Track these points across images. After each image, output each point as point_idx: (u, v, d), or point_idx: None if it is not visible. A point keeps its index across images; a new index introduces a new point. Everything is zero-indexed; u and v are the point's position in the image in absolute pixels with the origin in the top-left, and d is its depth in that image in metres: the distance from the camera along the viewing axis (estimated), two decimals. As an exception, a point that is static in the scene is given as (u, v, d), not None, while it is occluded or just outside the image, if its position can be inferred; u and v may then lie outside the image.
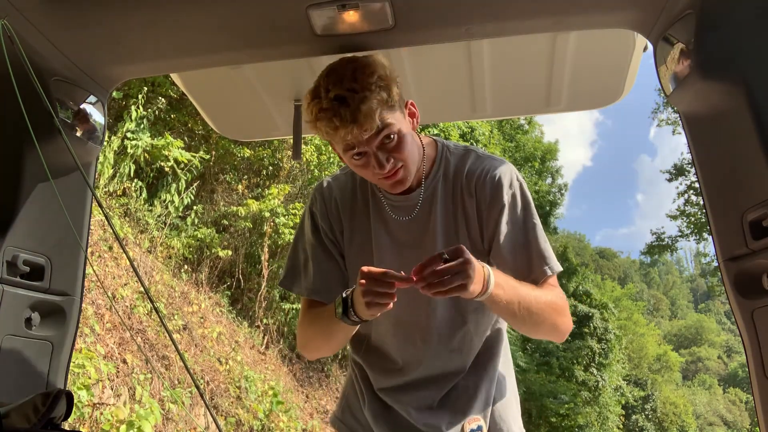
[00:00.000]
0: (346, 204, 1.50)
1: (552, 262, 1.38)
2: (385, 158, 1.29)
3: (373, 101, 1.22)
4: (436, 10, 1.34)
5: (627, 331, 29.97)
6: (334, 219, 1.49)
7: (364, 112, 1.21)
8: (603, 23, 1.42)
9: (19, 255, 1.36)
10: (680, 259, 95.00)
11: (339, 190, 1.52)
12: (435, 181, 1.44)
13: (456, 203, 1.42)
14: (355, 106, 1.21)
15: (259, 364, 7.91)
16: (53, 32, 1.36)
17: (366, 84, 1.23)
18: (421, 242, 1.43)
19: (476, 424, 1.41)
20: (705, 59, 1.16)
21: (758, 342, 1.14)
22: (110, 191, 6.78)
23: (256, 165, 9.31)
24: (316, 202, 1.52)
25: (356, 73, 1.24)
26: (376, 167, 1.29)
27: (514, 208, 1.40)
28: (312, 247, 1.50)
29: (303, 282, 1.50)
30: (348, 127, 1.23)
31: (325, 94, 1.23)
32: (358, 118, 1.22)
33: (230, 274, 8.87)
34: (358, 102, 1.21)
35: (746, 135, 1.10)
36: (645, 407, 28.32)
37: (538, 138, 23.91)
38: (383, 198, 1.45)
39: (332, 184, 1.54)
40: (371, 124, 1.23)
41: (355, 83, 1.23)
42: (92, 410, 4.10)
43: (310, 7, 1.29)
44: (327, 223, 1.49)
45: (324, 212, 1.50)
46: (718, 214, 1.23)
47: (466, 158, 1.45)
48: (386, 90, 1.26)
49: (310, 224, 1.52)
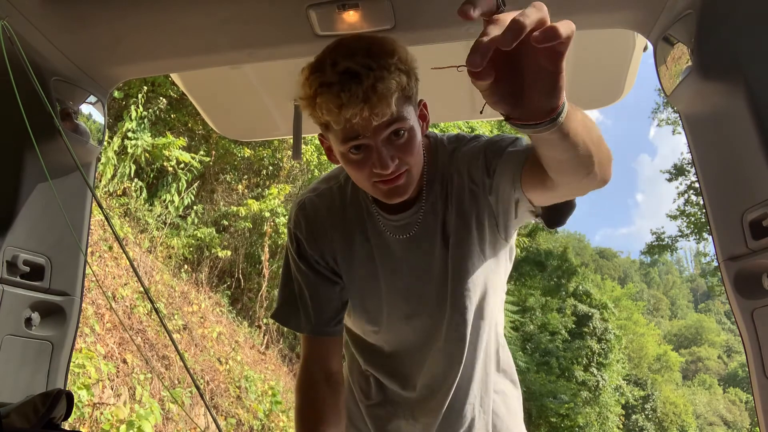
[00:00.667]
0: (336, 224, 1.29)
1: None
2: (390, 156, 1.06)
3: (391, 82, 1.01)
4: (436, 10, 1.34)
5: (627, 330, 29.97)
6: (324, 243, 1.29)
7: (379, 92, 0.99)
8: (603, 23, 1.42)
9: (19, 255, 1.36)
10: (680, 259, 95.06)
11: (326, 208, 1.30)
12: (434, 191, 1.24)
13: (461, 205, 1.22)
14: (368, 83, 0.98)
15: (259, 363, 7.91)
16: (53, 32, 1.36)
17: (385, 63, 1.01)
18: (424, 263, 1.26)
19: None
20: (705, 59, 1.16)
21: (758, 342, 1.14)
22: (110, 191, 6.78)
23: (256, 165, 9.31)
24: (300, 226, 1.30)
25: (373, 48, 1.03)
26: (377, 165, 1.06)
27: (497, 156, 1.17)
28: (303, 275, 1.31)
29: (302, 317, 1.32)
30: (357, 106, 0.99)
31: (332, 67, 1.01)
32: (370, 98, 0.99)
33: (230, 274, 8.88)
34: (374, 80, 0.99)
35: (746, 135, 1.10)
36: (645, 407, 28.31)
37: (538, 138, 23.87)
38: (379, 216, 1.25)
39: (316, 202, 1.31)
40: (385, 108, 1.01)
41: (371, 60, 1.01)
42: (92, 410, 4.10)
43: (310, 7, 1.29)
44: (316, 248, 1.29)
45: (311, 236, 1.29)
46: (718, 214, 1.23)
47: (457, 150, 1.25)
48: (407, 75, 1.06)
49: (296, 251, 1.31)
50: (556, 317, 19.30)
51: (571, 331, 19.66)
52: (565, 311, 20.19)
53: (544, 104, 0.69)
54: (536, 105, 0.69)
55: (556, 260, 20.64)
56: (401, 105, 1.06)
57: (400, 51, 1.07)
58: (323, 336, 1.32)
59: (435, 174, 1.25)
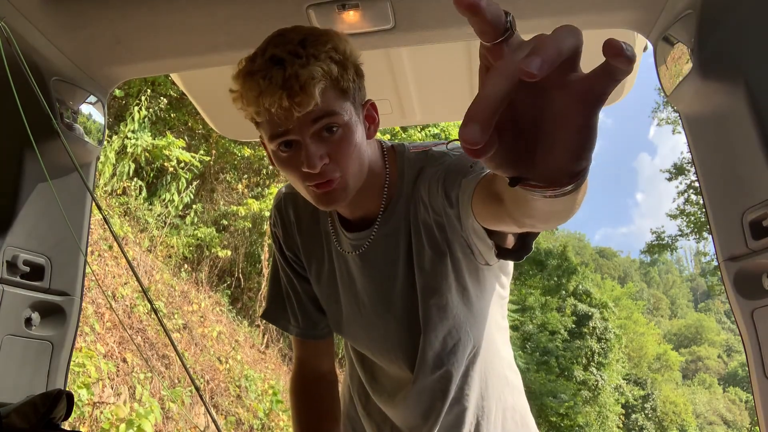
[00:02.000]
0: (303, 227, 1.23)
1: None
2: (318, 155, 0.95)
3: (315, 69, 0.91)
4: (436, 10, 1.34)
5: (627, 330, 29.98)
6: (295, 247, 1.25)
7: (301, 79, 0.90)
8: (603, 23, 1.42)
9: (19, 255, 1.36)
10: (680, 258, 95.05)
11: (297, 207, 1.23)
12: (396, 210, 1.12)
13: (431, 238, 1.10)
14: (292, 71, 0.90)
15: (259, 363, 7.92)
16: (53, 32, 1.36)
17: (314, 51, 0.93)
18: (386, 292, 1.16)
19: None
20: (705, 59, 1.16)
21: (758, 342, 1.14)
22: (110, 190, 6.78)
23: (256, 164, 9.31)
24: (277, 222, 1.26)
25: (308, 38, 0.95)
26: (304, 163, 0.95)
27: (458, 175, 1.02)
28: (287, 275, 1.28)
29: (290, 318, 1.30)
30: (276, 93, 0.90)
31: (261, 54, 0.95)
32: (292, 86, 0.90)
33: (230, 273, 8.88)
34: (298, 66, 0.90)
35: (746, 135, 1.10)
36: (645, 406, 28.31)
37: (538, 137, 23.86)
38: (337, 231, 1.17)
39: (289, 201, 1.25)
40: (307, 98, 0.91)
41: (300, 48, 0.93)
42: (92, 409, 4.10)
43: (310, 7, 1.29)
44: (291, 249, 1.26)
45: (287, 235, 1.25)
46: (718, 214, 1.23)
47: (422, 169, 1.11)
48: (340, 66, 0.95)
49: (278, 249, 1.28)
50: (556, 316, 19.31)
51: (570, 330, 19.67)
52: (564, 310, 20.20)
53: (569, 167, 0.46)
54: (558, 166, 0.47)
55: (556, 259, 20.64)
56: (332, 98, 0.95)
57: (337, 41, 0.97)
58: (311, 339, 1.32)
59: (400, 191, 1.12)
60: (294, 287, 1.28)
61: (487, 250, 1.02)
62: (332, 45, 0.95)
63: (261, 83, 0.91)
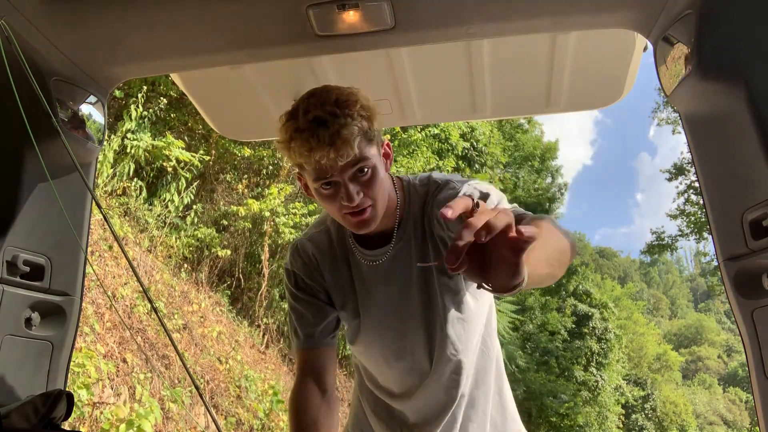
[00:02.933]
0: (325, 261, 1.44)
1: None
2: (356, 191, 1.22)
3: (353, 127, 1.18)
4: (436, 10, 1.34)
5: (627, 330, 29.97)
6: (317, 280, 1.44)
7: (343, 136, 1.16)
8: (603, 23, 1.42)
9: (19, 255, 1.36)
10: (680, 258, 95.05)
11: (315, 247, 1.46)
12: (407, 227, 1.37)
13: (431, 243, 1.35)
14: (334, 129, 1.16)
15: (259, 363, 7.92)
16: (53, 32, 1.36)
17: (348, 111, 1.19)
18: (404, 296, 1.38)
19: None
20: (705, 59, 1.16)
21: (758, 342, 1.14)
22: (110, 190, 6.78)
23: (256, 165, 9.31)
24: (296, 262, 1.46)
25: (339, 98, 1.20)
26: (344, 199, 1.22)
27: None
28: (300, 302, 1.45)
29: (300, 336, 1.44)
30: (324, 149, 1.16)
31: (304, 115, 1.19)
32: (335, 142, 1.16)
33: (230, 273, 8.88)
34: (338, 126, 1.16)
35: (746, 135, 1.10)
36: (645, 406, 28.31)
37: (538, 137, 23.89)
38: (357, 252, 1.40)
39: (307, 244, 1.47)
40: (348, 150, 1.17)
41: (336, 108, 1.18)
42: (92, 409, 4.10)
43: (310, 7, 1.29)
44: (311, 278, 1.45)
45: (306, 270, 1.45)
46: (718, 214, 1.23)
47: (428, 192, 1.37)
48: (368, 121, 1.22)
49: (294, 285, 1.47)
50: (556, 317, 19.31)
51: (570, 330, 19.66)
52: (564, 311, 20.20)
53: (507, 283, 0.80)
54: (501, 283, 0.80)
55: (556, 260, 20.57)
56: (363, 146, 1.21)
57: (362, 100, 1.22)
58: (315, 347, 1.43)
59: (408, 213, 1.38)
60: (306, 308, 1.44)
61: None
62: (360, 104, 1.21)
63: (311, 141, 1.16)
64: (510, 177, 20.52)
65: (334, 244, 1.44)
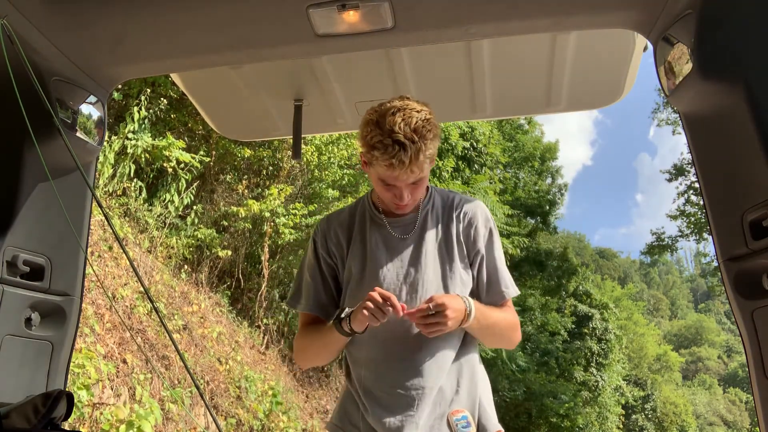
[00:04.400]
0: (343, 229, 1.73)
1: (512, 287, 1.67)
2: (407, 194, 1.53)
3: (426, 155, 1.45)
4: (436, 10, 1.34)
5: (627, 331, 29.95)
6: (334, 245, 1.70)
7: (418, 163, 1.44)
8: (603, 23, 1.42)
9: (19, 255, 1.36)
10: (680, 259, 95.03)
11: (338, 221, 1.74)
12: (427, 209, 1.68)
13: (444, 226, 1.66)
14: (413, 153, 1.42)
15: (259, 364, 7.92)
16: (53, 32, 1.36)
17: (425, 138, 1.43)
18: (416, 255, 1.63)
19: (461, 414, 1.54)
20: (705, 59, 1.16)
21: (758, 342, 1.14)
22: (110, 191, 6.78)
23: (256, 165, 9.31)
24: (318, 233, 1.74)
25: (418, 123, 1.43)
26: (397, 198, 1.54)
27: (491, 240, 1.67)
28: (311, 269, 1.72)
29: (303, 300, 1.71)
30: (400, 169, 1.44)
31: (389, 133, 1.42)
32: (412, 168, 1.44)
33: (230, 274, 8.87)
34: (416, 151, 1.42)
35: (746, 135, 1.10)
36: (645, 407, 28.31)
37: (538, 138, 23.87)
38: (383, 220, 1.68)
39: (332, 218, 1.77)
40: (418, 173, 1.47)
41: (415, 134, 1.42)
42: (92, 410, 4.10)
43: (310, 7, 1.29)
44: (325, 249, 1.71)
45: (324, 241, 1.71)
46: (718, 214, 1.23)
47: (449, 196, 1.73)
48: (434, 144, 1.48)
49: (312, 250, 1.74)
50: (556, 317, 19.29)
51: (570, 331, 19.65)
52: (564, 311, 20.18)
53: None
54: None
55: (556, 260, 20.61)
56: (427, 166, 1.49)
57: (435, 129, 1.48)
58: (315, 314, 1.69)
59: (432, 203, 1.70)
60: (314, 277, 1.70)
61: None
62: (434, 133, 1.47)
63: (391, 160, 1.43)
64: (510, 177, 20.52)
65: (355, 217, 1.73)
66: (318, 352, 1.70)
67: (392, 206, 1.61)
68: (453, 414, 1.54)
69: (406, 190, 1.53)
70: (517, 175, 21.53)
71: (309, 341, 1.70)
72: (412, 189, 1.54)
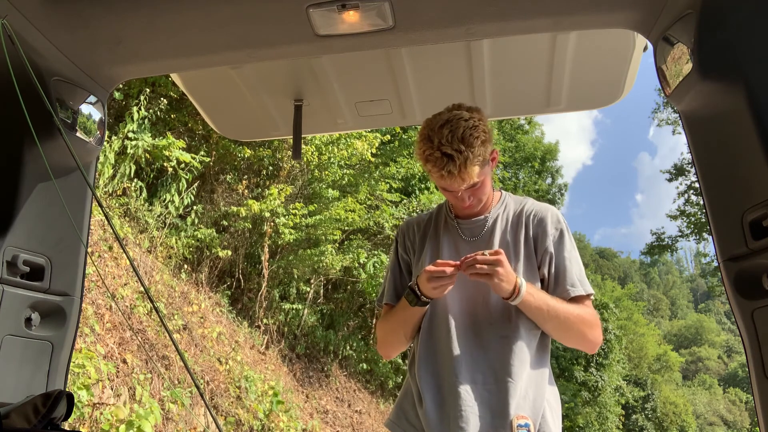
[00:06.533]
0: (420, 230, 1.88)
1: (586, 285, 1.67)
2: (468, 196, 1.65)
3: (475, 163, 1.53)
4: (436, 10, 1.34)
5: (627, 331, 29.94)
6: (410, 243, 1.85)
7: (468, 172, 1.53)
8: (603, 23, 1.42)
9: (19, 255, 1.36)
10: (680, 259, 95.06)
11: (416, 223, 1.90)
12: (498, 213, 1.77)
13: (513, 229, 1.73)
14: (461, 162, 1.51)
15: (259, 364, 7.92)
16: (53, 32, 1.36)
17: (472, 146, 1.51)
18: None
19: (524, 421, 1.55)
20: (705, 59, 1.16)
21: (758, 342, 1.14)
22: (110, 191, 6.78)
23: (256, 165, 9.31)
24: (399, 233, 1.91)
25: (465, 132, 1.52)
26: (459, 201, 1.67)
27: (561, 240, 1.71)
28: (392, 266, 1.89)
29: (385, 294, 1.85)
30: (452, 179, 1.55)
31: (438, 145, 1.52)
32: (462, 176, 1.54)
33: (230, 274, 8.88)
34: (464, 160, 1.51)
35: (746, 135, 1.10)
36: (645, 407, 28.31)
37: (539, 138, 23.87)
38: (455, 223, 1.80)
39: (412, 220, 1.94)
40: (470, 181, 1.56)
41: (462, 144, 1.51)
42: (92, 410, 4.10)
43: (310, 7, 1.29)
44: (403, 247, 1.86)
45: (402, 240, 1.87)
46: (718, 214, 1.23)
47: (523, 201, 1.80)
48: (486, 145, 1.55)
49: (394, 249, 1.91)
50: (556, 317, 19.26)
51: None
52: (565, 311, 20.14)
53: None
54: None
55: (556, 260, 20.59)
56: (479, 171, 1.57)
57: (482, 126, 1.56)
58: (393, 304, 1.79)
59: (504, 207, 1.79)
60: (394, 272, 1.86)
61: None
62: (482, 139, 1.53)
63: (442, 171, 1.54)
64: (510, 177, 20.51)
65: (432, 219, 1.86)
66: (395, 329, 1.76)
67: (459, 208, 1.74)
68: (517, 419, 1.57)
69: (466, 194, 1.64)
70: (517, 175, 21.53)
71: (387, 323, 1.79)
72: (472, 191, 1.64)
